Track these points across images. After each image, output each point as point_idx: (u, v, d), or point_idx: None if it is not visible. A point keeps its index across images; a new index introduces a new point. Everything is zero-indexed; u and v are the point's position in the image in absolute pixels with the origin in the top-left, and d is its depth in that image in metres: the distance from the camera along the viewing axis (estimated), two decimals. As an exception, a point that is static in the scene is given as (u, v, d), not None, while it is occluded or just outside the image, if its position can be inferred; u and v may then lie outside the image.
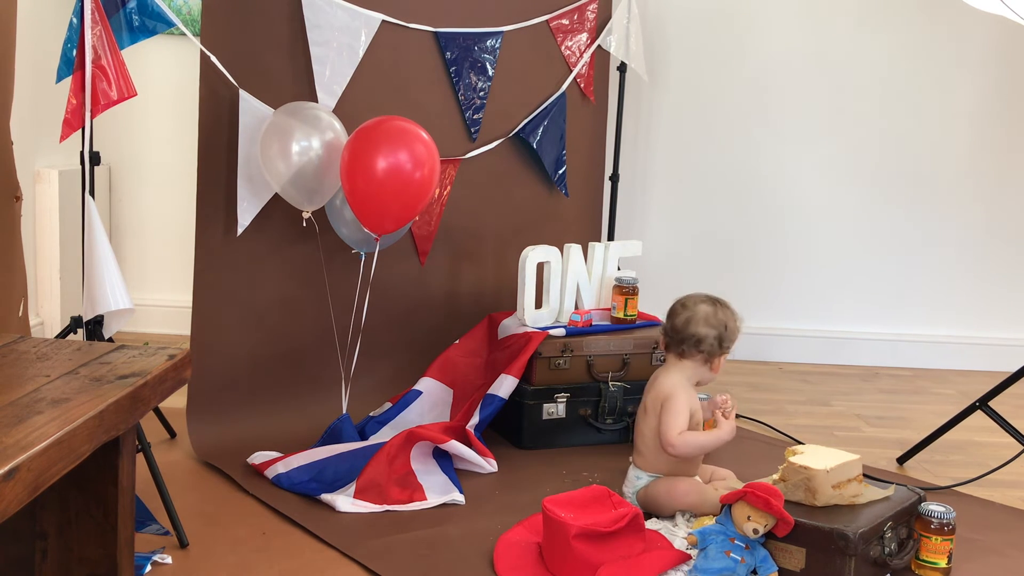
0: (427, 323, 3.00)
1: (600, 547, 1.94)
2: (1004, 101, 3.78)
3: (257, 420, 2.65)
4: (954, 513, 2.03)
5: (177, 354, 1.55)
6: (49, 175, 3.33)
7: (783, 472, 2.08)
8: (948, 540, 2.01)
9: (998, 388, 2.63)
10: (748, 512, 1.95)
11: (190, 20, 3.39)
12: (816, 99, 3.77)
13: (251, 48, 2.60)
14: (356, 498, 2.25)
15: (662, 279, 3.35)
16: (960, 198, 3.82)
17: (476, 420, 2.60)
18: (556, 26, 3.15)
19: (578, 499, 2.06)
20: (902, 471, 2.71)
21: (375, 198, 2.43)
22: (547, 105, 3.14)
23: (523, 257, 2.79)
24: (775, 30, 3.74)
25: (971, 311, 3.87)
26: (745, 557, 1.94)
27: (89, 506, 1.47)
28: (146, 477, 2.07)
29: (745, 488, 1.96)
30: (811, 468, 2.02)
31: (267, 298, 2.72)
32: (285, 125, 2.49)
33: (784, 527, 1.95)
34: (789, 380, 3.61)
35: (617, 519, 1.97)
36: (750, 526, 1.94)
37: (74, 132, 2.15)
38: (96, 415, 1.25)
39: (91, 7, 2.13)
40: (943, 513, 2.02)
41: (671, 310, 2.37)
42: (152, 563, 1.94)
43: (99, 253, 2.13)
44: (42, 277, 3.38)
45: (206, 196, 2.59)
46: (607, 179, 3.49)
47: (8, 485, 1.04)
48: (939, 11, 3.67)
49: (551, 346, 2.72)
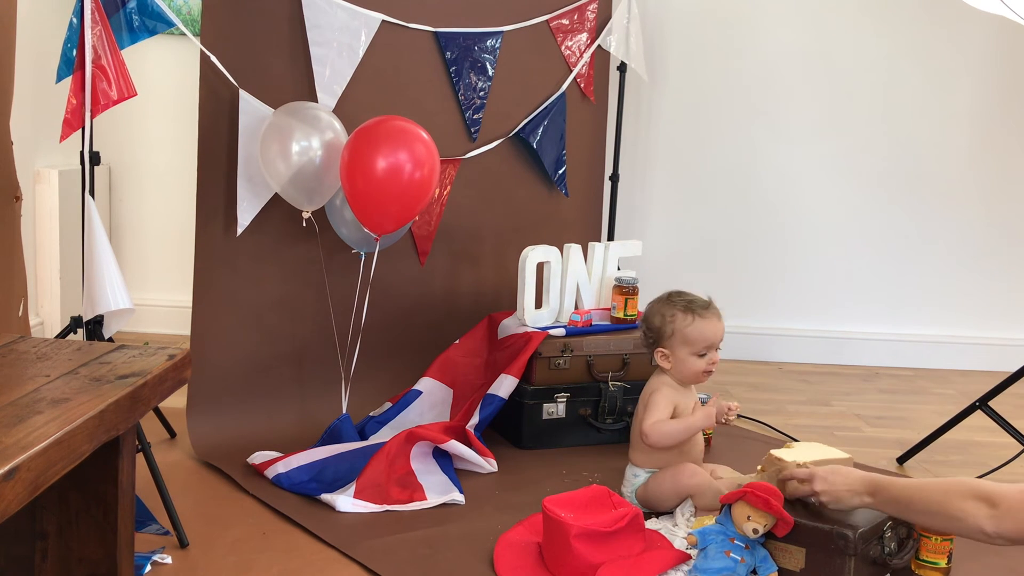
0: (427, 323, 3.00)
1: (600, 547, 1.93)
2: (1004, 101, 3.78)
3: (257, 420, 2.65)
4: None
5: (177, 354, 1.54)
6: (49, 175, 3.33)
7: (763, 463, 2.11)
8: (948, 540, 2.01)
9: (998, 388, 2.63)
10: (748, 512, 1.95)
11: (190, 20, 3.39)
12: (816, 99, 3.77)
13: (251, 48, 2.60)
14: (356, 498, 2.25)
15: (662, 279, 3.35)
16: (960, 198, 3.82)
17: (476, 420, 2.60)
18: (556, 26, 3.15)
19: (578, 499, 2.06)
20: (902, 471, 2.71)
21: (375, 198, 2.43)
22: (547, 105, 3.14)
23: (523, 257, 2.79)
24: (775, 30, 3.74)
25: (971, 311, 3.87)
26: (745, 557, 1.94)
27: (89, 506, 1.47)
28: (146, 477, 2.07)
29: (745, 488, 1.96)
30: (784, 460, 2.04)
31: (267, 298, 2.72)
32: (285, 125, 2.49)
33: (784, 527, 1.95)
34: (789, 380, 3.61)
35: (617, 519, 1.98)
36: (750, 526, 1.94)
37: (74, 132, 2.15)
38: (96, 415, 1.25)
39: (91, 7, 2.13)
40: None
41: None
42: (152, 563, 1.94)
43: (99, 253, 2.13)
44: (42, 277, 3.38)
45: (206, 196, 2.59)
46: (607, 179, 3.49)
47: (8, 485, 1.04)
48: (939, 11, 3.67)
49: (551, 346, 2.72)
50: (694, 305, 2.31)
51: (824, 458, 2.06)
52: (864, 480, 1.88)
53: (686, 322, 2.29)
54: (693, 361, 2.30)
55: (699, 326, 2.28)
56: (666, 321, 2.31)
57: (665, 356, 2.32)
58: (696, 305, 2.31)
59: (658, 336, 2.33)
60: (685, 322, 2.29)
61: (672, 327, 2.30)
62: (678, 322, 2.29)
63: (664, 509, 2.27)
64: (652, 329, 2.34)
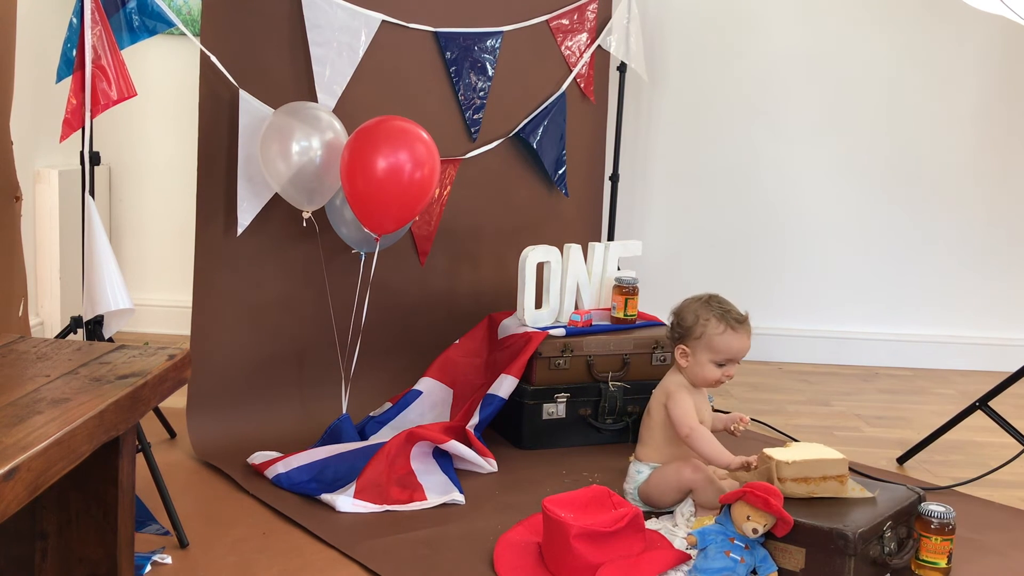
0: (427, 323, 3.00)
1: (600, 547, 1.93)
2: (1005, 101, 3.78)
3: (257, 420, 2.65)
4: (954, 513, 2.03)
5: (177, 354, 1.54)
6: (49, 175, 3.33)
7: (757, 460, 2.12)
8: (948, 540, 2.01)
9: (998, 388, 2.63)
10: (748, 512, 1.95)
11: (190, 20, 3.39)
12: (816, 99, 3.77)
13: (251, 48, 2.60)
14: (356, 498, 2.25)
15: (662, 279, 3.36)
16: (960, 198, 3.82)
17: (476, 420, 2.60)
18: (556, 26, 3.15)
19: (578, 499, 2.06)
20: (902, 471, 2.71)
21: (375, 198, 2.43)
22: (547, 105, 3.14)
23: (523, 257, 2.79)
24: (775, 30, 3.74)
25: (971, 311, 3.87)
26: (745, 557, 1.94)
27: (89, 506, 1.47)
28: (146, 477, 2.07)
29: (744, 488, 1.96)
30: (773, 458, 2.05)
31: (267, 298, 2.72)
32: (285, 125, 2.49)
33: (784, 527, 1.94)
34: (789, 380, 3.61)
35: (617, 519, 1.98)
36: (749, 525, 1.94)
37: (74, 132, 2.15)
38: (96, 415, 1.25)
39: (91, 7, 2.13)
40: (943, 513, 2.01)
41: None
42: (152, 563, 1.94)
43: (99, 253, 2.13)
44: (42, 277, 3.38)
45: (206, 196, 2.59)
46: (607, 179, 3.48)
47: (8, 485, 1.04)
48: (940, 11, 3.67)
49: (551, 346, 2.72)
50: (729, 316, 2.29)
51: (819, 458, 2.07)
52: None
53: (718, 330, 2.27)
54: (711, 368, 2.29)
55: (728, 338, 2.27)
56: (699, 322, 2.29)
57: (685, 354, 2.31)
58: (731, 316, 2.30)
59: (686, 334, 2.31)
60: (717, 329, 2.27)
61: (703, 330, 2.28)
62: (710, 327, 2.28)
63: (665, 505, 2.28)
64: (682, 325, 2.33)
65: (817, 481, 2.05)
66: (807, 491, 2.04)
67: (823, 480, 2.05)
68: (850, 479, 2.09)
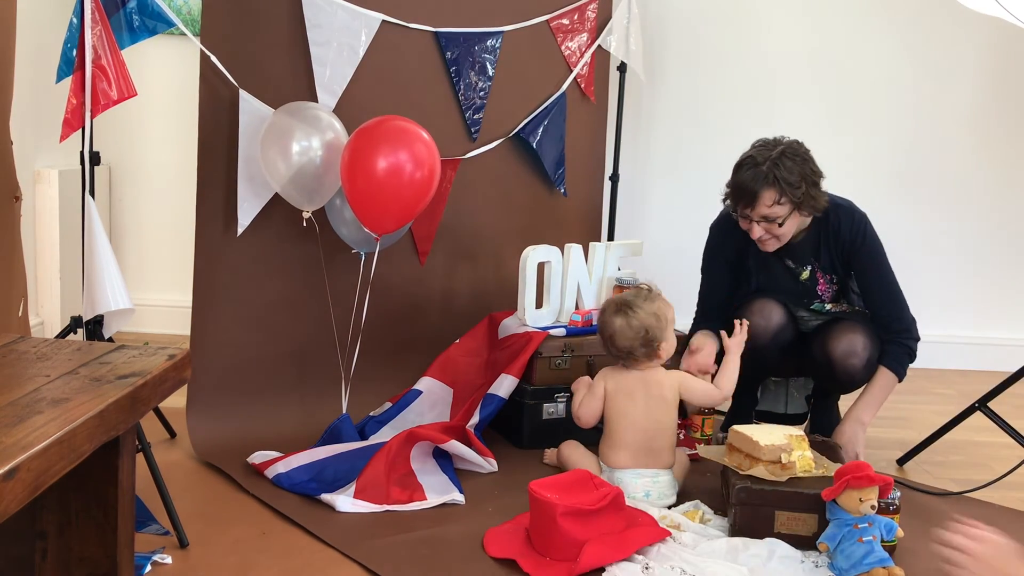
0: (427, 323, 3.00)
1: (585, 524, 2.01)
2: (1005, 102, 3.78)
3: (257, 420, 2.65)
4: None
5: (177, 354, 1.54)
6: (49, 175, 3.34)
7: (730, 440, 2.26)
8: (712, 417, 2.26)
9: (998, 388, 2.63)
10: (858, 495, 1.99)
11: (190, 20, 3.39)
12: (816, 99, 3.77)
13: (251, 48, 2.60)
14: (356, 498, 2.25)
15: (662, 279, 3.34)
16: (961, 198, 3.82)
17: (476, 420, 2.60)
18: (556, 26, 3.15)
19: (562, 481, 2.15)
20: (902, 472, 2.70)
21: (375, 198, 2.43)
22: (547, 105, 3.14)
23: (524, 257, 2.79)
24: (775, 30, 3.74)
25: (971, 311, 3.87)
26: (874, 534, 1.99)
27: (89, 506, 1.47)
28: (146, 477, 2.07)
29: (844, 478, 2.00)
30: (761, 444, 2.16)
31: (267, 298, 2.72)
32: (285, 125, 2.49)
33: (887, 488, 2.03)
34: (789, 380, 3.60)
35: (600, 498, 2.06)
36: (866, 505, 1.99)
37: (74, 132, 2.15)
38: (96, 415, 1.25)
39: (91, 7, 2.13)
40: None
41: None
42: (152, 563, 1.94)
43: (99, 253, 2.13)
44: (42, 277, 3.39)
45: (206, 196, 2.59)
46: (607, 179, 3.49)
47: (8, 485, 1.04)
48: (939, 11, 3.66)
49: (551, 346, 2.72)
50: (652, 293, 2.44)
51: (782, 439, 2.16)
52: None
53: (667, 306, 2.42)
54: (673, 336, 2.43)
55: (668, 306, 2.43)
56: (659, 317, 2.38)
57: (664, 348, 2.40)
58: (653, 293, 2.45)
59: (659, 334, 2.38)
60: (666, 306, 2.41)
61: (666, 318, 2.39)
62: (670, 312, 2.41)
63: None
64: (650, 335, 2.37)
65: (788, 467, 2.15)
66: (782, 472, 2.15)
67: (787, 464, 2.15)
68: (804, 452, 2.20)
